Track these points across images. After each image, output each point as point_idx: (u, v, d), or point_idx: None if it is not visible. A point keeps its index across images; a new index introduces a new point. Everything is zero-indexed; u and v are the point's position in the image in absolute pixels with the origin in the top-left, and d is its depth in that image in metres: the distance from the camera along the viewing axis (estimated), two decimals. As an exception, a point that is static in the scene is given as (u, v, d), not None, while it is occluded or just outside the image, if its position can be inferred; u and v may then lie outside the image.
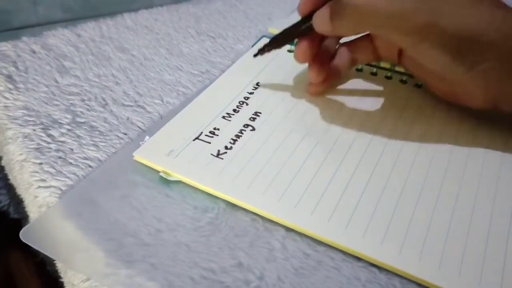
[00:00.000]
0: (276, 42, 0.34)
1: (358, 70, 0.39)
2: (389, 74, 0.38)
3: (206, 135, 0.31)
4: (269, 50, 0.35)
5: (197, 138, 0.31)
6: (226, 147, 0.30)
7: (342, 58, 0.35)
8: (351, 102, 0.35)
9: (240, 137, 0.31)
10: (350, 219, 0.26)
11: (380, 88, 0.37)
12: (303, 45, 0.33)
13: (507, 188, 0.29)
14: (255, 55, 0.35)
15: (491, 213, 0.27)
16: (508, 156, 0.31)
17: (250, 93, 0.35)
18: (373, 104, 0.35)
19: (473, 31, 0.27)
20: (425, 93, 0.36)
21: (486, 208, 0.27)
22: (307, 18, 0.32)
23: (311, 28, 0.31)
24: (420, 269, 0.24)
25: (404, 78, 0.38)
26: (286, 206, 0.26)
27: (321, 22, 0.30)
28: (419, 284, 0.24)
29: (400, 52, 0.34)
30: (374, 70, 0.39)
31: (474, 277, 0.23)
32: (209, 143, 0.30)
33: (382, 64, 0.39)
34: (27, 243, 0.24)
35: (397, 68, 0.38)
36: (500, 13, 0.27)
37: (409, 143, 0.31)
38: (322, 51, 0.34)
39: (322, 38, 0.34)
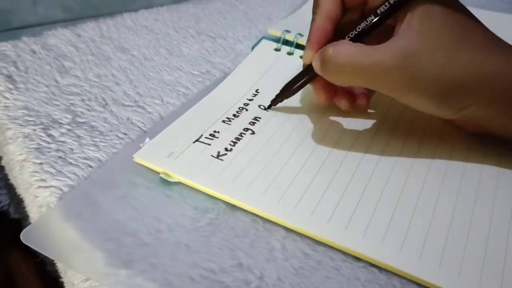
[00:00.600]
0: (287, 91, 0.34)
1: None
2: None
3: (206, 138, 0.31)
4: (281, 100, 0.34)
5: (197, 140, 0.31)
6: (226, 149, 0.30)
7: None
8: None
9: (240, 140, 0.31)
10: (350, 219, 0.26)
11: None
12: (317, 90, 0.32)
13: (507, 187, 0.29)
14: (268, 107, 0.35)
15: (491, 213, 0.27)
16: (507, 155, 0.31)
17: (250, 100, 0.35)
18: (374, 107, 0.35)
19: (458, 77, 0.26)
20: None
21: (486, 208, 0.27)
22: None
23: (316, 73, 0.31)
24: (420, 269, 0.24)
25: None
26: (286, 207, 0.26)
27: (316, 68, 0.30)
28: (419, 284, 0.24)
29: None
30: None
31: (474, 277, 0.23)
32: (209, 145, 0.30)
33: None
34: (28, 244, 0.24)
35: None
36: (481, 56, 0.27)
37: (410, 143, 0.32)
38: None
39: None
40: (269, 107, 0.35)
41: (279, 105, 0.34)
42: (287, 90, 0.34)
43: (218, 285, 0.23)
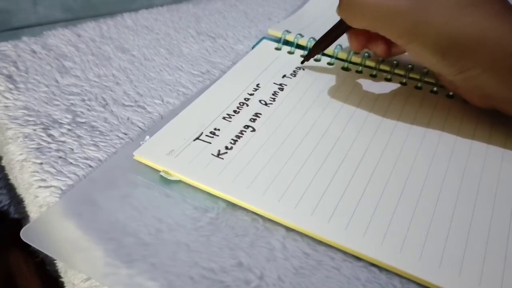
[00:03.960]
0: (320, 45, 0.36)
1: (358, 72, 0.39)
2: (389, 76, 0.38)
3: (206, 135, 0.31)
4: (314, 55, 0.37)
5: (197, 138, 0.31)
6: (226, 147, 0.30)
7: None
8: (351, 102, 0.35)
9: (241, 138, 0.31)
10: (351, 219, 0.26)
11: (379, 89, 0.37)
12: (350, 38, 0.35)
13: (508, 187, 0.29)
14: (303, 62, 0.38)
15: (491, 213, 0.27)
16: (508, 155, 0.31)
17: (251, 94, 0.35)
18: (374, 105, 0.35)
19: (459, 35, 0.27)
20: (426, 96, 0.36)
21: (487, 207, 0.27)
22: None
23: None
24: (420, 269, 0.24)
25: (404, 80, 0.38)
26: (286, 206, 0.26)
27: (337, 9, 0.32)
28: (419, 284, 0.24)
29: None
30: (374, 72, 0.39)
31: (474, 277, 0.23)
32: (210, 143, 0.30)
33: (382, 66, 0.39)
34: (28, 242, 0.24)
35: (396, 71, 0.38)
36: (486, 23, 0.27)
37: (409, 144, 0.32)
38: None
39: None
40: (303, 62, 0.38)
41: (307, 62, 0.37)
42: (322, 43, 0.36)
43: (218, 284, 0.23)
